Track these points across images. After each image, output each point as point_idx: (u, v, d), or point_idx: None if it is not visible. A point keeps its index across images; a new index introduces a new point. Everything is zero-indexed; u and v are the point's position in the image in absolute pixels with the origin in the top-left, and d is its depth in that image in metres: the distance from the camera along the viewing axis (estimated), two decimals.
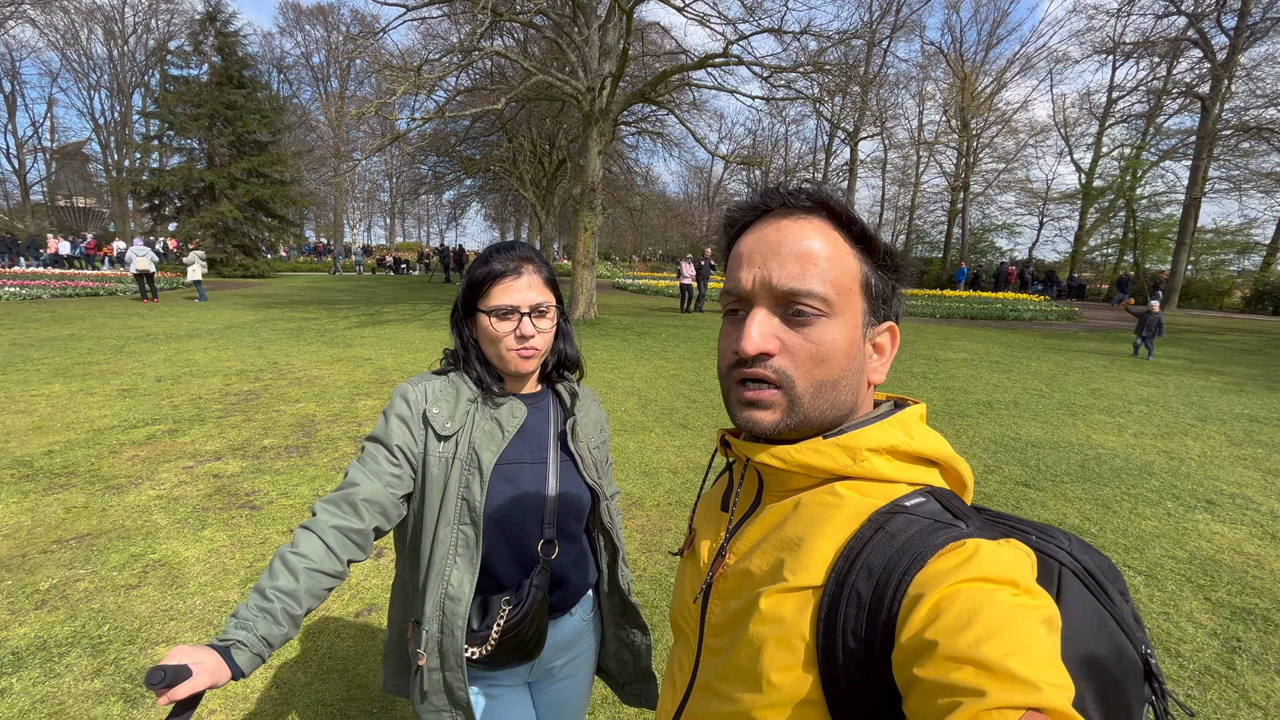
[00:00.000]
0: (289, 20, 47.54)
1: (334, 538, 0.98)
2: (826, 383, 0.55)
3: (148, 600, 2.59)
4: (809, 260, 0.55)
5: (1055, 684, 0.37)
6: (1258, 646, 2.55)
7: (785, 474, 0.58)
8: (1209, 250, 27.72)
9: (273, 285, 19.89)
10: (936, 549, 0.47)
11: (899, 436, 0.56)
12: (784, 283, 0.55)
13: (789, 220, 0.57)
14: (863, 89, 15.32)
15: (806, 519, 0.55)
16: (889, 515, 0.51)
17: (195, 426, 4.88)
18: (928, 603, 0.43)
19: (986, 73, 34.17)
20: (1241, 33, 22.62)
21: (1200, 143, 23.82)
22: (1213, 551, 3.41)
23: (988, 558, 0.45)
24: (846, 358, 0.56)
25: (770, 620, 0.52)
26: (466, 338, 1.15)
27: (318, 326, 10.62)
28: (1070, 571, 0.51)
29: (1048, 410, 6.62)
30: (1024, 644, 0.39)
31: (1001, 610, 0.41)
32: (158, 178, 23.23)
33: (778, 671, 0.50)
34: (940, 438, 0.58)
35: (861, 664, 0.47)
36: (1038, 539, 0.53)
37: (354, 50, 12.09)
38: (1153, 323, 10.40)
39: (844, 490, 0.55)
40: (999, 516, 0.57)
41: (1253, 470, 4.84)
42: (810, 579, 0.51)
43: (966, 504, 0.55)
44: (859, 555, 0.49)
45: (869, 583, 0.48)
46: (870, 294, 0.57)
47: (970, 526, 0.50)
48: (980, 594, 0.42)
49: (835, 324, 0.55)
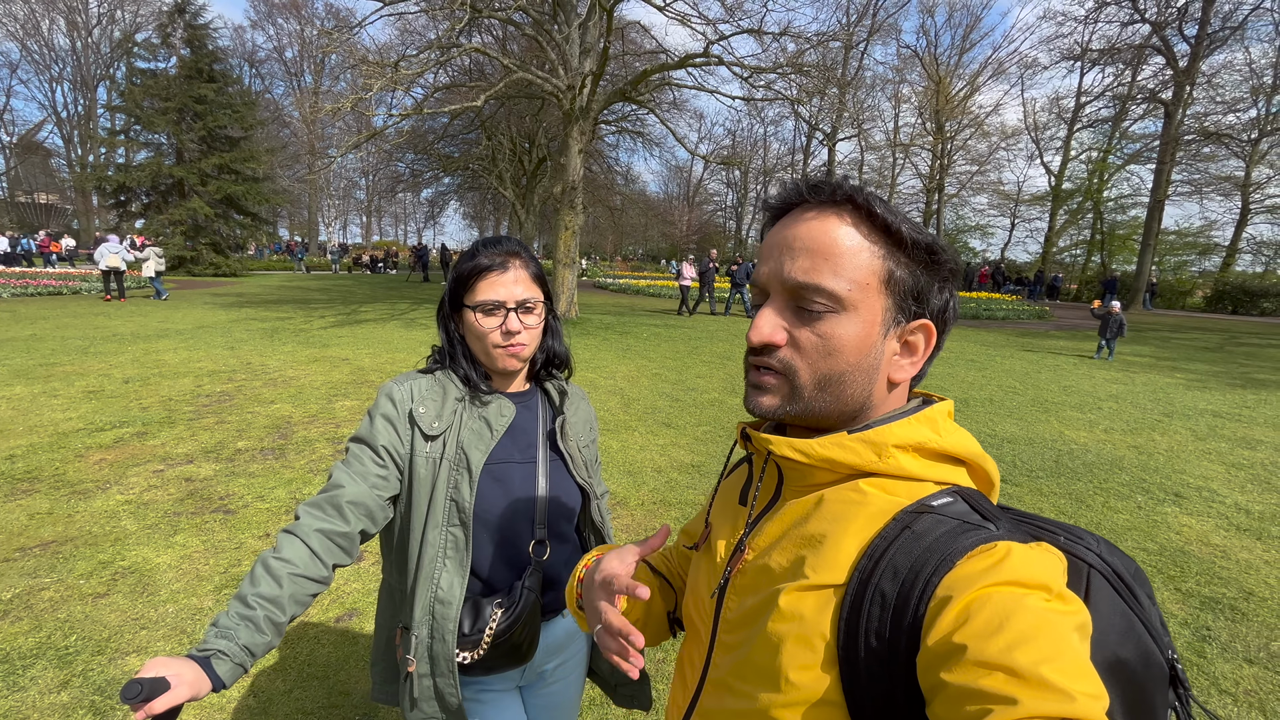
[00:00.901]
0: (261, 13, 46.42)
1: (318, 541, 0.95)
2: (832, 377, 0.55)
3: (117, 609, 2.50)
4: (820, 255, 0.54)
5: (1089, 694, 0.36)
6: (1226, 635, 2.63)
7: (807, 469, 0.57)
8: (1172, 251, 28.70)
9: (245, 284, 19.44)
10: (966, 551, 0.46)
11: (926, 433, 0.55)
12: (793, 277, 0.55)
13: (810, 214, 0.56)
14: (840, 91, 15.49)
15: (829, 516, 0.54)
16: (915, 514, 0.50)
17: (166, 429, 4.73)
18: (957, 605, 0.42)
19: (960, 76, 34.84)
20: (1202, 41, 23.42)
21: (1164, 147, 24.60)
22: (1181, 543, 3.51)
23: (1019, 561, 0.44)
24: (856, 354, 0.55)
25: (790, 618, 0.51)
26: (454, 334, 1.12)
27: (293, 326, 10.40)
28: (1099, 574, 0.50)
29: (1022, 407, 6.76)
30: (1057, 651, 0.38)
31: (1034, 616, 0.40)
32: (124, 173, 22.52)
33: (796, 670, 0.50)
34: (968, 435, 0.57)
35: (884, 665, 0.46)
36: (1066, 540, 0.52)
37: (329, 45, 11.85)
38: (1114, 324, 10.50)
39: (868, 487, 0.54)
40: (1024, 516, 0.56)
41: (1217, 464, 4.99)
42: (832, 577, 0.50)
43: (994, 504, 0.54)
44: (884, 555, 0.48)
45: (894, 583, 0.47)
46: (895, 290, 0.55)
47: (1000, 528, 0.49)
48: (1012, 598, 0.41)
49: (846, 320, 0.54)
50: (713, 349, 10.04)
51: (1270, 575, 3.16)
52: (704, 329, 12.73)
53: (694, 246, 51.94)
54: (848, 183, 0.56)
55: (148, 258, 13.62)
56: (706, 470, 4.35)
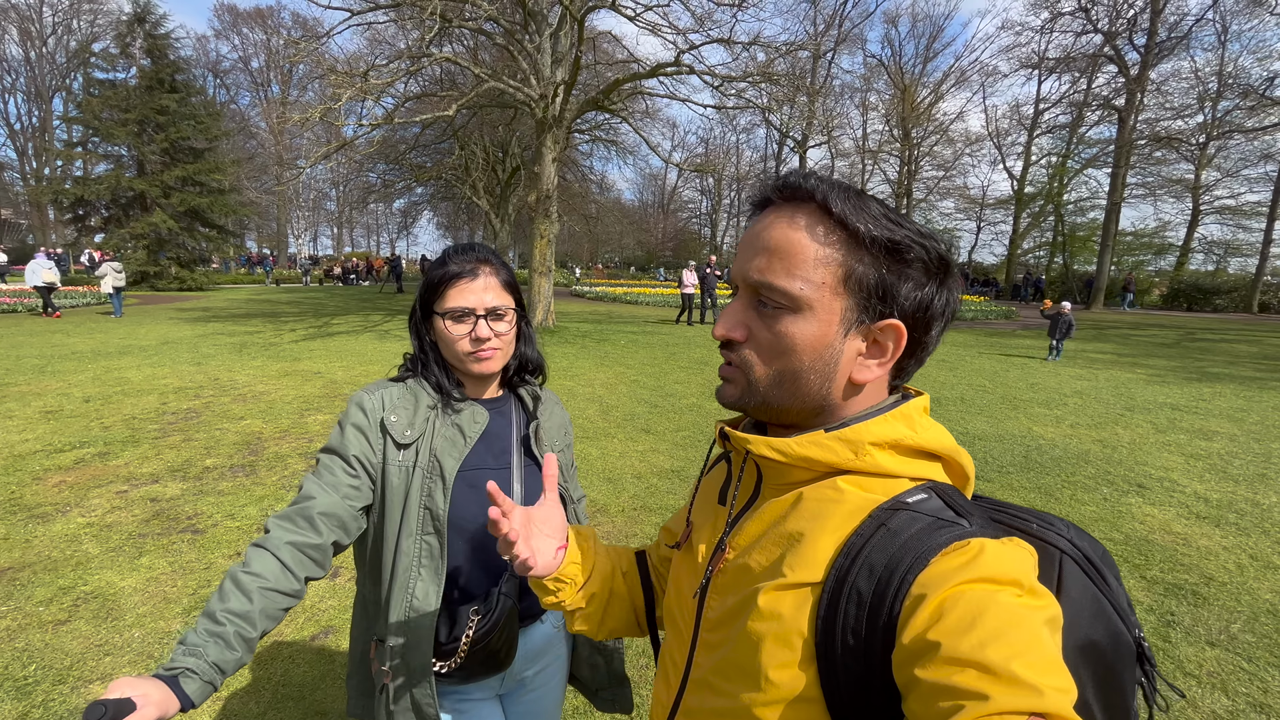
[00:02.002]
0: (225, 23, 45.45)
1: (290, 554, 0.94)
2: (786, 374, 0.55)
3: (79, 635, 2.41)
4: (778, 255, 0.54)
5: (1058, 687, 0.37)
6: (1189, 619, 2.72)
7: (785, 467, 0.57)
8: (1129, 251, 29.76)
9: (211, 298, 18.96)
10: (939, 548, 0.46)
11: (902, 430, 0.55)
12: (753, 275, 0.55)
13: (776, 213, 0.56)
14: (810, 99, 15.74)
15: (807, 514, 0.54)
16: (891, 511, 0.51)
17: (129, 448, 4.59)
18: (931, 603, 0.43)
19: (925, 85, 35.72)
20: (1151, 50, 24.45)
21: (1118, 151, 25.55)
22: (1145, 532, 3.63)
23: (992, 558, 0.44)
24: (810, 354, 0.54)
25: (769, 617, 0.51)
26: (425, 341, 1.12)
27: (262, 340, 10.17)
28: (1070, 559, 0.51)
29: (992, 405, 6.93)
30: (1028, 646, 0.39)
31: (1005, 612, 0.40)
32: (82, 186, 21.79)
33: (776, 668, 0.50)
34: (943, 430, 0.57)
35: (861, 662, 0.47)
36: (1039, 527, 0.53)
37: (296, 55, 11.66)
38: (1063, 325, 10.52)
39: (845, 485, 0.54)
40: (998, 505, 0.57)
41: (1177, 455, 5.18)
42: (810, 575, 0.51)
43: (968, 499, 0.55)
44: (860, 552, 0.49)
45: (870, 581, 0.47)
46: (857, 290, 0.53)
47: (973, 524, 0.49)
48: (984, 595, 0.42)
49: (801, 319, 0.54)
50: (690, 355, 10.09)
51: (1229, 561, 3.28)
52: (681, 335, 12.79)
53: (669, 254, 52.26)
54: (811, 179, 0.55)
55: (105, 274, 13.20)
56: (686, 475, 4.37)
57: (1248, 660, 2.44)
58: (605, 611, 0.81)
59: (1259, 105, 24.77)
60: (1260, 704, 2.20)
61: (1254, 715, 2.15)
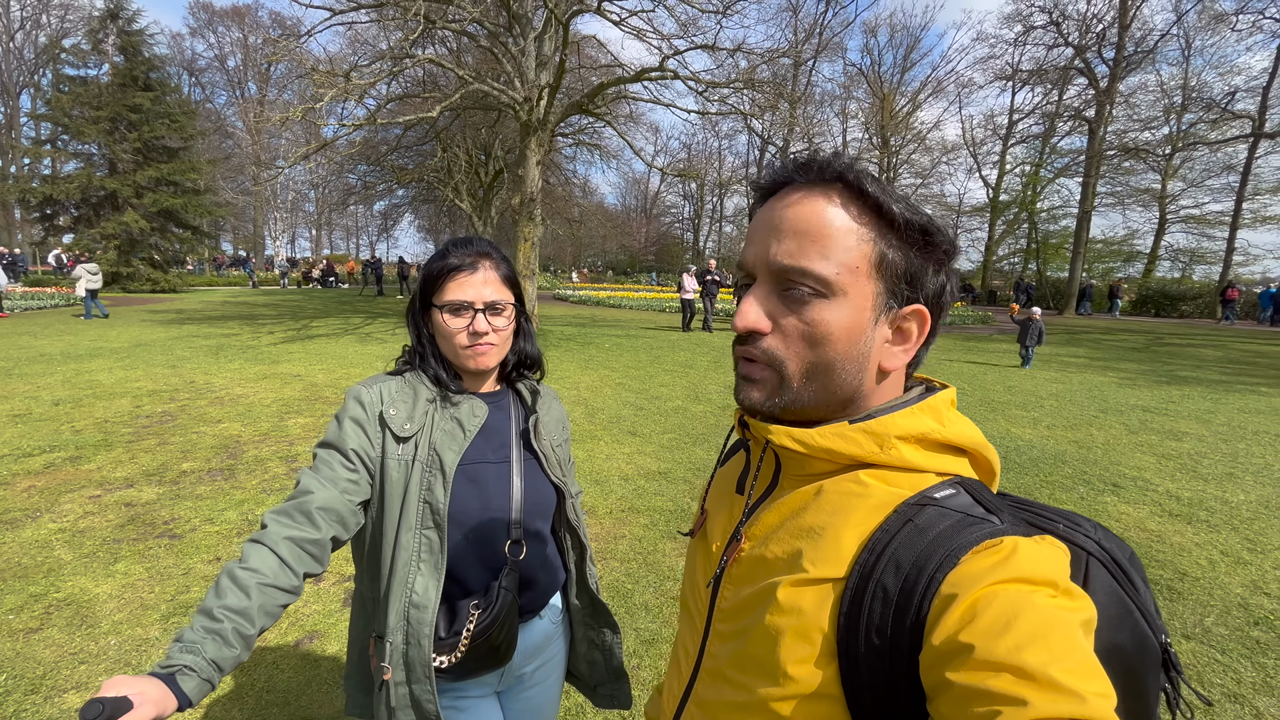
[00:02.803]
0: (200, 20, 44.65)
1: (288, 550, 0.92)
2: (820, 365, 0.52)
3: (52, 644, 2.33)
4: (808, 237, 0.51)
5: (1099, 693, 0.36)
6: (1165, 614, 2.80)
7: (806, 459, 0.55)
8: (1100, 259, 30.57)
9: (186, 300, 18.54)
10: (970, 546, 0.45)
11: (930, 424, 0.53)
12: (780, 260, 0.52)
13: (800, 194, 0.53)
14: (791, 106, 15.93)
15: (828, 507, 0.52)
16: (918, 507, 0.49)
17: (102, 452, 4.46)
18: (963, 603, 0.41)
19: (903, 94, 36.38)
20: (1119, 63, 25.23)
21: (1089, 161, 26.28)
22: (1121, 530, 3.72)
23: (1025, 557, 0.43)
24: (846, 342, 0.52)
25: (788, 611, 0.50)
26: (424, 333, 1.11)
27: (239, 343, 9.97)
28: (1097, 560, 0.50)
29: (971, 407, 7.05)
30: (1066, 650, 0.37)
31: (1041, 614, 0.39)
32: (50, 185, 21.20)
33: (795, 664, 0.49)
34: (971, 424, 0.55)
35: (885, 661, 0.45)
36: (1066, 528, 0.52)
37: (274, 54, 11.50)
38: (1034, 331, 10.34)
39: (869, 479, 0.52)
40: (1023, 504, 0.55)
41: (1149, 455, 5.32)
42: (832, 571, 0.49)
43: (995, 495, 0.53)
44: (885, 549, 0.47)
45: (897, 579, 0.46)
46: (888, 274, 0.52)
47: (1004, 522, 0.48)
48: (1019, 596, 0.40)
49: (835, 305, 0.51)
50: (675, 358, 10.12)
51: (1200, 556, 3.38)
52: (665, 339, 12.82)
53: (652, 258, 52.38)
54: (839, 160, 0.53)
55: (79, 276, 12.85)
56: (673, 477, 4.37)
57: (1221, 653, 2.51)
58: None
59: (1221, 118, 25.72)
60: (1234, 694, 2.27)
61: (1229, 705, 2.21)
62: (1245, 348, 14.30)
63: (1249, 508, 4.13)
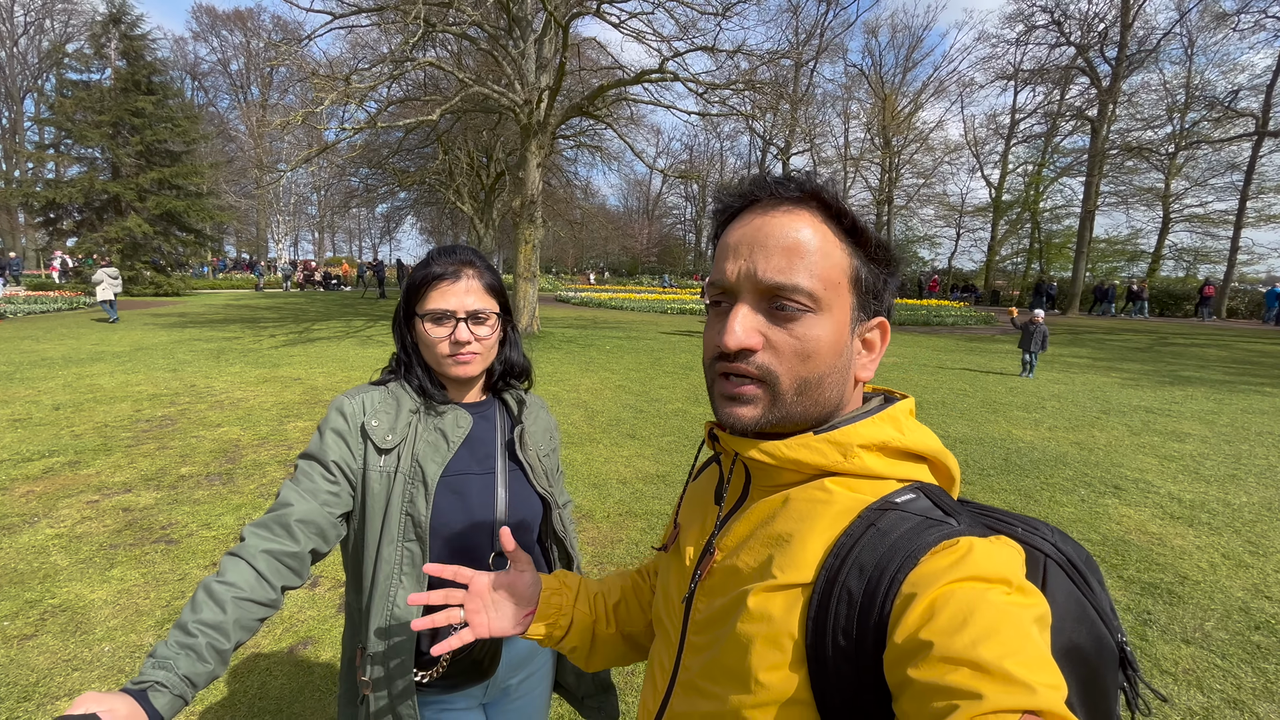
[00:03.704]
0: (203, 25, 44.84)
1: (265, 563, 0.91)
2: (811, 380, 0.54)
3: (46, 650, 2.33)
4: (796, 253, 0.52)
5: (1050, 684, 0.37)
6: (1165, 618, 2.77)
7: (774, 469, 0.57)
8: (1103, 258, 30.44)
9: (188, 303, 18.61)
10: (929, 547, 0.47)
11: (890, 432, 0.55)
12: (769, 276, 0.53)
13: (777, 211, 0.54)
14: (792, 107, 15.91)
15: (795, 515, 0.54)
16: (880, 512, 0.50)
17: (101, 457, 4.47)
18: (922, 602, 0.43)
19: (904, 94, 36.33)
20: (1121, 62, 25.14)
21: (1091, 161, 26.19)
22: (1122, 533, 3.69)
23: (981, 556, 0.45)
24: (833, 355, 0.54)
25: (758, 618, 0.51)
26: (408, 342, 1.10)
27: (240, 346, 9.99)
28: (1054, 562, 0.51)
29: (972, 409, 7.02)
30: (1019, 645, 0.39)
31: (996, 610, 0.41)
32: (54, 189, 21.28)
33: (766, 670, 0.49)
34: (929, 432, 0.58)
35: (852, 663, 0.46)
36: (1023, 531, 0.53)
37: (276, 58, 11.56)
38: (1038, 336, 9.25)
39: (834, 486, 0.54)
40: (983, 509, 0.57)
41: (1151, 457, 5.29)
42: (800, 576, 0.50)
43: (955, 500, 0.55)
44: (850, 552, 0.49)
45: (860, 581, 0.47)
46: (860, 289, 0.55)
47: (961, 524, 0.50)
48: (975, 593, 0.42)
49: (822, 320, 0.53)
50: (675, 360, 10.11)
51: (1202, 560, 3.35)
52: (665, 340, 12.81)
53: (654, 260, 52.39)
54: (813, 179, 0.55)
55: (100, 280, 12.87)
56: (672, 480, 4.36)
57: (1221, 657, 2.49)
58: (590, 657, 0.82)
59: (1224, 117, 25.56)
60: (1234, 700, 2.24)
61: (1229, 711, 2.19)
62: (1250, 347, 14.23)
63: (1251, 510, 4.10)
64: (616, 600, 0.84)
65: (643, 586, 0.85)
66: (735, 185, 0.59)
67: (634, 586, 0.85)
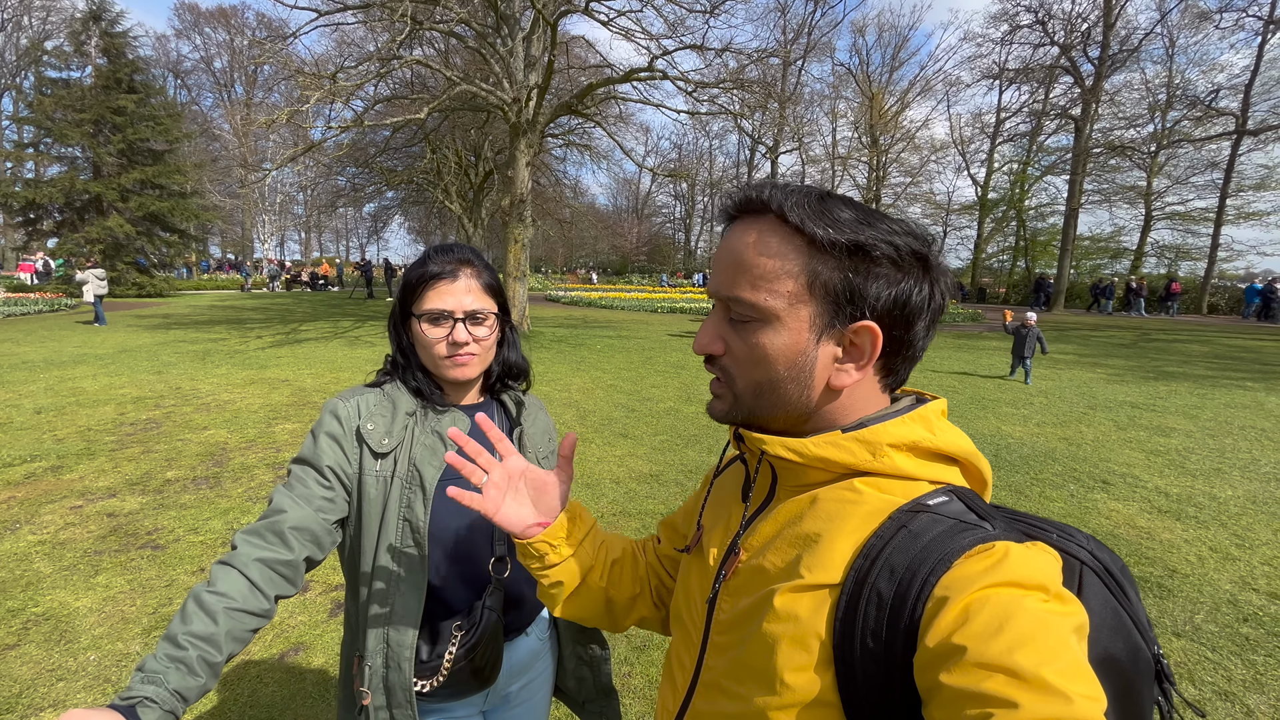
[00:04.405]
0: (186, 22, 44.18)
1: (259, 572, 0.89)
2: (764, 384, 0.56)
3: (29, 660, 2.28)
4: (739, 268, 0.55)
5: (1087, 695, 0.36)
6: (1155, 612, 2.80)
7: (801, 468, 0.57)
8: (1087, 256, 30.80)
9: (173, 304, 18.35)
10: (963, 550, 0.46)
11: (921, 432, 0.54)
12: (719, 290, 0.57)
13: (737, 225, 0.57)
14: (780, 106, 15.95)
15: (824, 515, 0.53)
16: (911, 514, 0.50)
17: (84, 461, 4.38)
18: (956, 606, 0.42)
19: (891, 93, 36.53)
20: (1104, 62, 25.45)
21: (1075, 159, 26.49)
22: (1111, 527, 3.73)
23: (1018, 561, 0.44)
24: (784, 363, 0.54)
25: (785, 618, 0.51)
26: (404, 343, 1.08)
27: (227, 348, 9.86)
28: (1091, 570, 0.50)
29: (962, 405, 7.08)
30: (1057, 653, 0.38)
31: (1033, 617, 0.40)
32: (33, 189, 20.88)
33: (791, 671, 0.49)
34: (962, 434, 0.57)
35: (880, 665, 0.46)
36: (1059, 538, 0.52)
37: (261, 55, 11.40)
38: (1031, 341, 8.35)
39: (863, 486, 0.53)
40: (1017, 515, 0.56)
41: (1138, 452, 5.35)
42: (827, 577, 0.50)
43: (988, 504, 0.54)
44: (880, 554, 0.48)
45: (891, 583, 0.46)
46: (824, 294, 0.53)
47: (996, 528, 0.49)
48: (1011, 599, 0.41)
49: (770, 330, 0.54)
50: (667, 359, 10.10)
51: (1190, 553, 3.40)
52: (657, 340, 12.81)
53: (644, 259, 52.37)
54: (767, 189, 0.54)
55: (87, 280, 12.65)
56: (665, 480, 4.35)
57: (1211, 650, 2.52)
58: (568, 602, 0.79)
59: (1204, 116, 25.96)
60: (1225, 692, 2.27)
61: (1219, 703, 2.22)
62: (1231, 343, 14.46)
63: (1236, 503, 4.16)
64: (616, 557, 0.82)
65: (639, 559, 0.84)
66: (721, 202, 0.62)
67: (632, 554, 0.84)
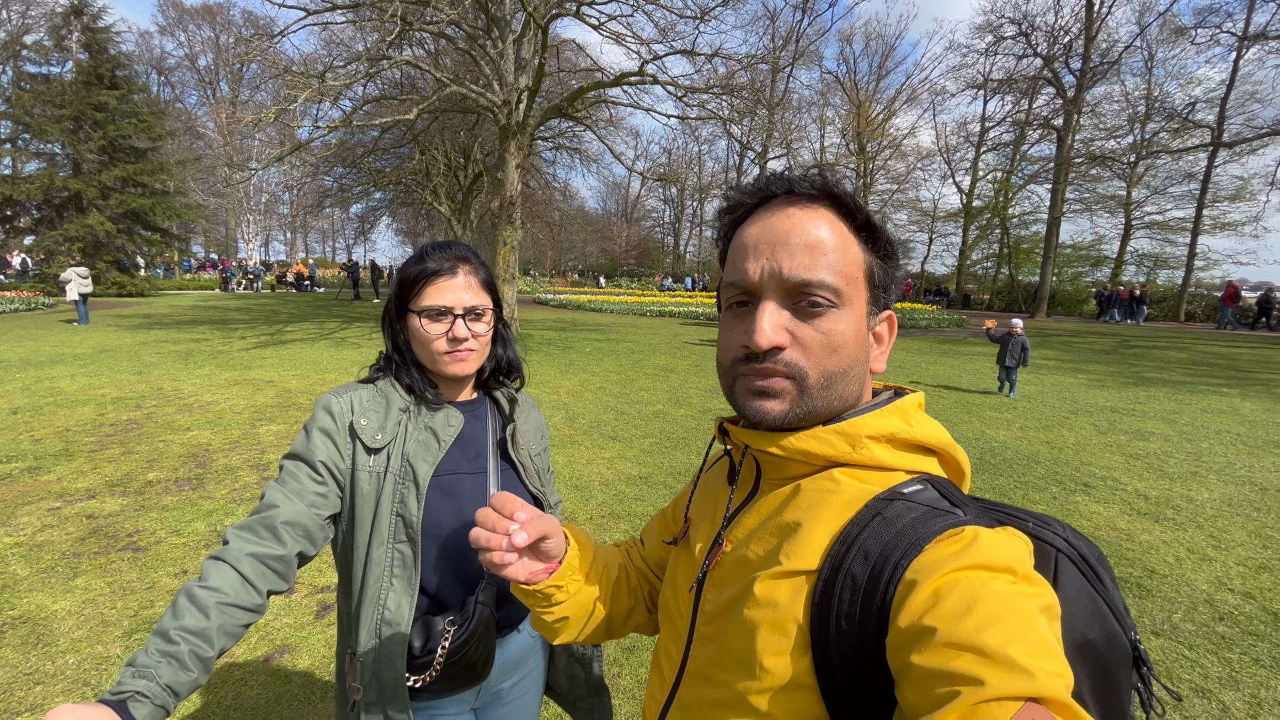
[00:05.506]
0: (170, 19, 43.57)
1: (250, 567, 0.88)
2: (837, 373, 0.55)
3: (6, 664, 2.23)
4: (819, 250, 0.54)
5: (1053, 672, 0.37)
6: (1135, 611, 2.85)
7: (784, 461, 0.58)
8: (1069, 263, 31.32)
9: (154, 304, 18.05)
10: (934, 535, 0.47)
11: (898, 424, 0.56)
12: (795, 274, 0.53)
13: (795, 209, 0.55)
14: (769, 112, 16.09)
15: (804, 505, 0.54)
16: (887, 501, 0.51)
17: (62, 462, 4.30)
18: (926, 589, 0.43)
19: (878, 101, 36.97)
20: (1085, 74, 25.97)
21: (1057, 168, 26.97)
22: (1092, 529, 3.79)
23: (986, 545, 0.45)
24: (856, 348, 0.55)
25: (764, 604, 0.52)
26: (400, 340, 1.08)
27: (210, 348, 9.72)
28: (1066, 557, 0.51)
29: (946, 409, 7.16)
30: (1023, 632, 0.39)
31: (1001, 598, 0.41)
32: (10, 185, 20.44)
33: (771, 656, 0.50)
34: (939, 426, 0.58)
35: (854, 648, 0.47)
36: (1034, 526, 0.53)
37: (247, 53, 11.27)
38: (1015, 349, 7.72)
39: (842, 476, 0.54)
40: (994, 505, 0.57)
41: (1118, 455, 5.45)
42: (805, 563, 0.51)
43: (963, 493, 0.55)
44: (856, 540, 0.49)
45: (865, 567, 0.48)
46: (873, 283, 0.57)
47: (967, 514, 0.50)
48: (979, 582, 0.42)
49: (844, 314, 0.55)
50: (655, 362, 10.12)
51: (1168, 554, 3.46)
52: (646, 342, 12.82)
53: (633, 262, 52.42)
54: (827, 177, 0.56)
55: (69, 279, 12.40)
56: (654, 482, 4.36)
57: (1189, 648, 2.57)
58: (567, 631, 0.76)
59: (1182, 128, 26.56)
60: (1202, 689, 2.32)
61: (1197, 700, 2.26)
62: (1207, 349, 14.77)
63: (1213, 505, 4.25)
64: (615, 577, 0.81)
65: (631, 573, 0.82)
66: (748, 184, 0.60)
67: (626, 570, 0.82)
